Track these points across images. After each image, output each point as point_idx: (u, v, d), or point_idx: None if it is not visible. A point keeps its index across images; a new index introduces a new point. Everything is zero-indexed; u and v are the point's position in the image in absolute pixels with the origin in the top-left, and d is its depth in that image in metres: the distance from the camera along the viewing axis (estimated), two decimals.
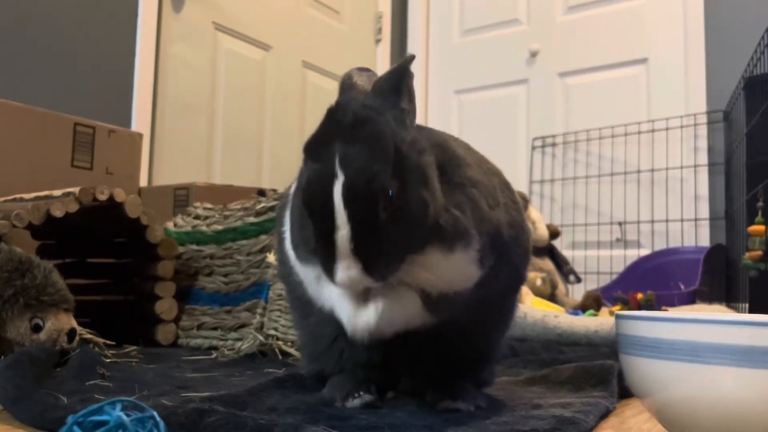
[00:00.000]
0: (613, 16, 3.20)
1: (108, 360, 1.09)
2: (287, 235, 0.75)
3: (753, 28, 2.48)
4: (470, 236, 0.66)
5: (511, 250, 0.74)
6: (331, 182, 0.58)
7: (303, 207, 0.61)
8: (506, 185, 0.79)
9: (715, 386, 0.54)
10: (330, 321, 0.72)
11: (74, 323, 1.06)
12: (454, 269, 0.66)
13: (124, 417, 0.44)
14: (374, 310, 0.63)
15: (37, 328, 1.00)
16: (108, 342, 1.22)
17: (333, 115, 0.62)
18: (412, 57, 0.65)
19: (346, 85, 0.68)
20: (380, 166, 0.58)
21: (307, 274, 0.69)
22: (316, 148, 0.61)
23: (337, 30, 3.38)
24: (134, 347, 1.31)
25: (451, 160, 0.69)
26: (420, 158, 0.62)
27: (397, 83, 0.64)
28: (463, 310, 0.70)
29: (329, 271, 0.60)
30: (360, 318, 0.63)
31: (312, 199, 0.60)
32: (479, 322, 0.76)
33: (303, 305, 0.78)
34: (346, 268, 0.58)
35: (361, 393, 0.74)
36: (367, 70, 0.70)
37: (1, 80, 2.01)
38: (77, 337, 1.06)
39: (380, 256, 0.59)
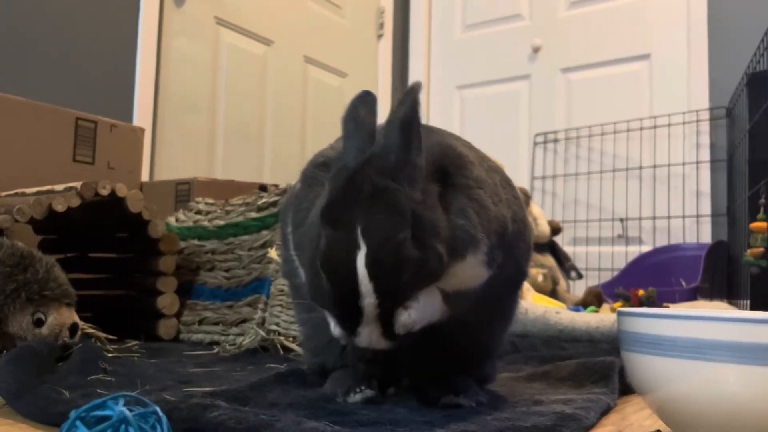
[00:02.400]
0: (615, 12, 3.20)
1: (110, 355, 1.09)
2: (291, 237, 0.75)
3: (756, 24, 2.47)
4: (477, 241, 0.66)
5: (514, 245, 0.74)
6: (353, 252, 0.59)
7: (321, 272, 0.61)
8: (507, 181, 0.79)
9: (716, 383, 0.54)
10: None
11: (76, 318, 1.06)
12: (465, 272, 0.67)
13: (127, 412, 0.44)
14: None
15: (39, 323, 1.00)
16: (109, 337, 1.23)
17: (350, 182, 0.61)
18: (419, 87, 0.64)
19: (351, 126, 0.66)
20: (403, 235, 0.59)
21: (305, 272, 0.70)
22: (335, 216, 0.61)
23: (339, 25, 3.38)
24: (136, 342, 1.31)
25: (455, 160, 0.69)
26: (431, 213, 0.63)
27: (409, 132, 0.62)
28: (467, 307, 0.70)
29: (348, 329, 0.62)
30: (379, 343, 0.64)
31: (333, 267, 0.60)
32: (481, 318, 0.76)
33: (306, 302, 0.78)
34: (369, 333, 0.61)
35: (363, 388, 0.74)
36: (368, 94, 0.69)
37: (2, 75, 2.01)
38: (79, 332, 1.06)
39: (398, 320, 0.61)
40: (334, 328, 0.64)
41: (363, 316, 0.60)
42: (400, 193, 0.60)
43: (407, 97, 0.63)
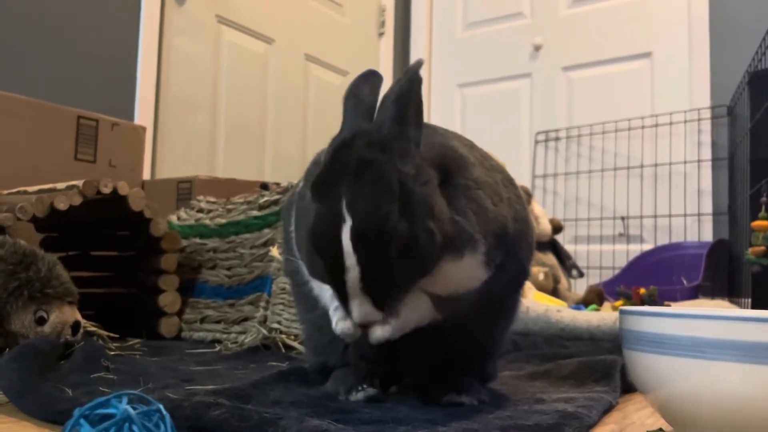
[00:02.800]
0: (617, 10, 3.19)
1: (112, 353, 1.09)
2: (295, 235, 0.75)
3: (758, 22, 2.47)
4: (475, 241, 0.66)
5: (516, 244, 0.75)
6: (339, 225, 0.59)
7: (311, 246, 0.62)
8: (509, 180, 0.79)
9: (718, 382, 0.54)
10: None
11: (78, 316, 1.06)
12: (463, 273, 0.67)
13: (131, 410, 0.44)
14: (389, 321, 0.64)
15: (41, 321, 1.01)
16: (111, 335, 1.23)
17: (338, 155, 0.61)
18: (420, 64, 0.64)
19: (351, 103, 0.67)
20: (387, 208, 0.59)
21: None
22: (322, 190, 0.61)
23: (340, 23, 3.37)
24: (138, 340, 1.32)
25: (455, 161, 0.69)
26: (424, 189, 0.62)
27: (404, 106, 0.62)
28: (469, 306, 0.70)
29: (343, 306, 0.62)
30: (375, 331, 0.64)
31: (320, 241, 0.61)
32: (483, 318, 0.76)
33: (308, 300, 0.79)
34: (359, 306, 0.61)
35: (365, 386, 0.74)
36: (373, 73, 0.69)
37: (4, 73, 2.01)
38: (81, 330, 1.06)
39: (390, 291, 0.61)
40: (335, 325, 0.65)
41: (349, 290, 0.60)
42: (388, 165, 0.60)
43: (406, 73, 0.63)
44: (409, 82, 0.62)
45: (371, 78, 0.68)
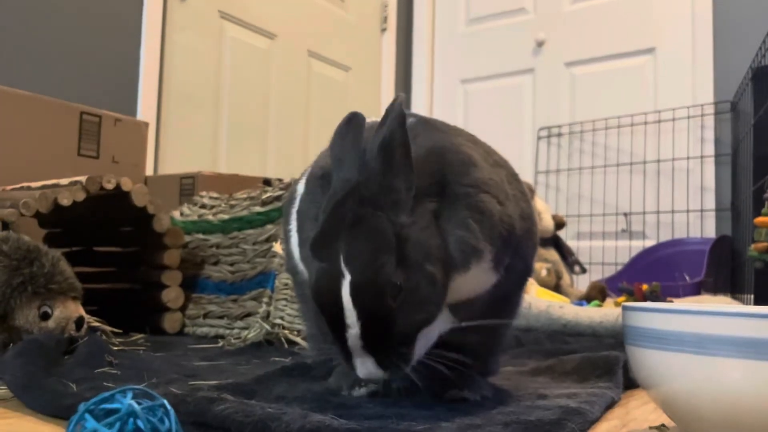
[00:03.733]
0: (620, 6, 3.18)
1: (116, 348, 1.10)
2: (293, 234, 0.76)
3: (761, 18, 2.46)
4: (480, 251, 0.66)
5: (523, 243, 0.75)
6: (338, 282, 0.59)
7: (314, 304, 0.63)
8: (514, 176, 0.78)
9: (720, 378, 0.54)
10: None
11: (82, 311, 1.07)
12: (471, 282, 0.68)
13: (135, 405, 0.44)
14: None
15: (45, 316, 1.01)
16: (115, 330, 1.23)
17: (334, 213, 0.62)
18: (401, 101, 0.64)
19: (337, 156, 0.66)
20: (383, 260, 0.59)
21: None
22: (321, 247, 0.62)
23: (343, 19, 3.37)
24: (141, 335, 1.32)
25: (456, 166, 0.68)
26: (420, 234, 0.63)
27: (390, 155, 0.62)
28: (480, 308, 0.71)
29: (347, 363, 0.62)
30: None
31: (322, 299, 0.62)
32: (489, 317, 0.76)
33: (309, 299, 0.79)
34: (362, 364, 0.61)
35: (366, 383, 0.74)
36: (354, 116, 0.67)
37: (7, 69, 2.01)
38: (85, 325, 1.07)
39: (391, 349, 0.61)
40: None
41: (351, 347, 0.60)
42: (380, 218, 0.61)
43: (388, 116, 0.63)
44: (391, 129, 0.62)
45: (353, 122, 0.67)
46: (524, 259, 0.77)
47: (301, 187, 0.77)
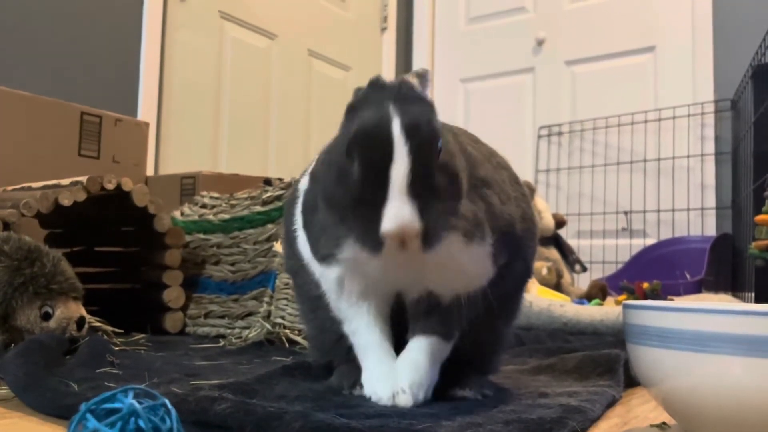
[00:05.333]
0: (620, 4, 3.18)
1: (117, 348, 1.10)
2: (299, 233, 0.75)
3: (761, 16, 2.46)
4: (485, 231, 0.66)
5: (524, 243, 0.75)
6: (389, 121, 0.58)
7: (350, 151, 0.60)
8: (515, 179, 0.79)
9: (721, 375, 0.55)
10: (336, 318, 0.74)
11: (83, 311, 1.07)
12: (471, 261, 0.66)
13: (137, 404, 0.45)
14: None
15: (46, 316, 1.01)
16: (116, 330, 1.24)
17: (377, 82, 0.63)
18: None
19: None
20: (433, 116, 0.61)
21: (327, 277, 0.70)
22: (365, 104, 0.62)
23: (343, 18, 3.37)
24: (142, 335, 1.32)
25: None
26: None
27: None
28: (482, 309, 0.71)
29: (376, 207, 0.57)
30: (399, 399, 0.67)
31: (365, 137, 0.59)
32: (489, 316, 0.76)
33: (310, 300, 0.79)
34: (399, 208, 0.56)
35: None
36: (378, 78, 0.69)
37: (7, 70, 2.01)
38: (86, 325, 1.07)
39: (435, 200, 0.58)
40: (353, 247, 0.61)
41: (392, 187, 0.56)
42: (425, 93, 0.64)
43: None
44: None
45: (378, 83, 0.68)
46: (525, 260, 0.77)
47: (303, 184, 0.77)
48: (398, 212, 0.56)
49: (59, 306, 1.03)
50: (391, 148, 0.57)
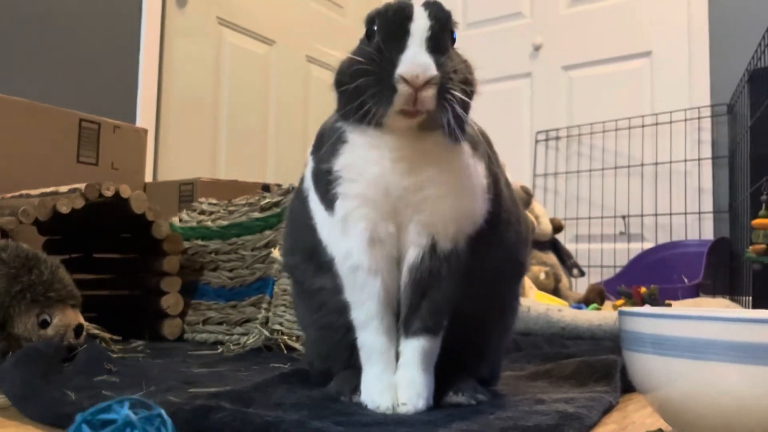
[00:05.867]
0: (616, 9, 3.19)
1: (115, 355, 1.10)
2: (318, 221, 0.75)
3: (757, 21, 2.47)
4: (480, 146, 0.73)
5: (504, 230, 0.77)
6: (410, 5, 0.65)
7: (369, 23, 0.67)
8: (507, 182, 0.81)
9: (717, 382, 0.55)
10: (343, 311, 0.74)
11: (81, 319, 1.07)
12: (471, 175, 0.71)
13: (132, 415, 0.45)
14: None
15: (44, 324, 1.01)
16: (114, 337, 1.24)
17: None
18: None
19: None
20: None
21: (331, 221, 0.72)
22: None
23: (341, 24, 3.38)
24: (140, 342, 1.32)
25: None
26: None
27: None
28: (464, 270, 0.72)
29: (390, 71, 0.62)
30: (401, 410, 0.69)
31: (385, 7, 0.66)
32: (478, 313, 0.77)
33: (312, 296, 0.79)
34: (417, 53, 0.63)
35: None
36: None
37: (7, 77, 2.02)
38: (84, 333, 1.07)
39: (449, 59, 0.64)
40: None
41: (412, 36, 0.63)
42: None
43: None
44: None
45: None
46: (508, 250, 0.79)
47: (308, 168, 0.78)
48: (416, 57, 0.63)
49: (57, 314, 1.03)
50: (411, 10, 0.64)
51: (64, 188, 1.33)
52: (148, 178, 2.29)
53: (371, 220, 0.69)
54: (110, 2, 2.31)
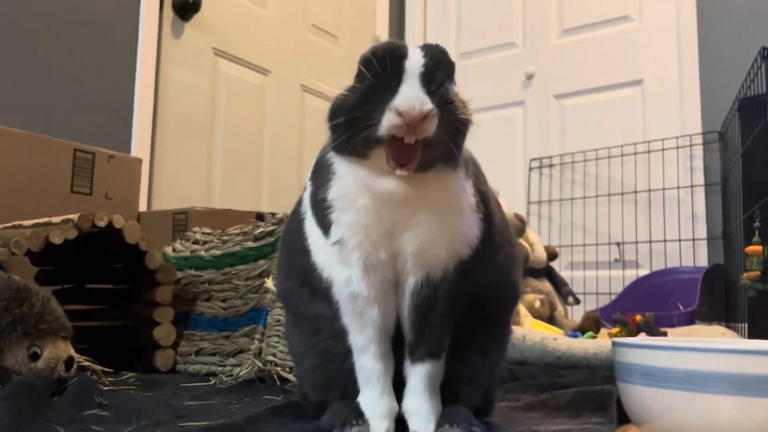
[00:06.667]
0: (607, 39, 3.24)
1: (106, 388, 1.09)
2: (312, 244, 0.76)
3: (746, 49, 2.51)
4: (469, 166, 0.73)
5: (495, 255, 0.77)
6: (404, 45, 0.67)
7: (362, 65, 0.68)
8: (497, 202, 0.82)
9: (712, 415, 0.55)
10: (341, 336, 0.74)
11: (72, 351, 1.06)
12: (464, 205, 0.71)
13: None
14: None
15: (34, 357, 1.00)
16: (106, 369, 1.22)
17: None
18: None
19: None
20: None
21: (327, 247, 0.72)
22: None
23: (336, 54, 3.41)
24: (132, 374, 1.31)
25: None
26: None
27: None
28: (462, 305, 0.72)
29: (390, 87, 0.64)
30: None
31: (377, 48, 0.67)
32: (473, 338, 0.77)
33: (308, 322, 0.78)
34: (410, 88, 0.64)
35: (360, 421, 0.74)
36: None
37: (1, 107, 2.02)
38: (75, 365, 1.05)
39: (444, 91, 0.65)
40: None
41: (407, 72, 0.64)
42: None
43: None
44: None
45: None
46: (500, 275, 0.79)
47: (306, 192, 0.79)
48: (411, 92, 0.63)
49: (48, 346, 1.02)
50: (405, 49, 0.65)
51: (57, 219, 1.33)
52: (143, 206, 2.29)
53: (364, 248, 0.70)
54: (106, 32, 2.33)
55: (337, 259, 0.72)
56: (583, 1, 3.33)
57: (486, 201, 0.76)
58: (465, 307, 0.74)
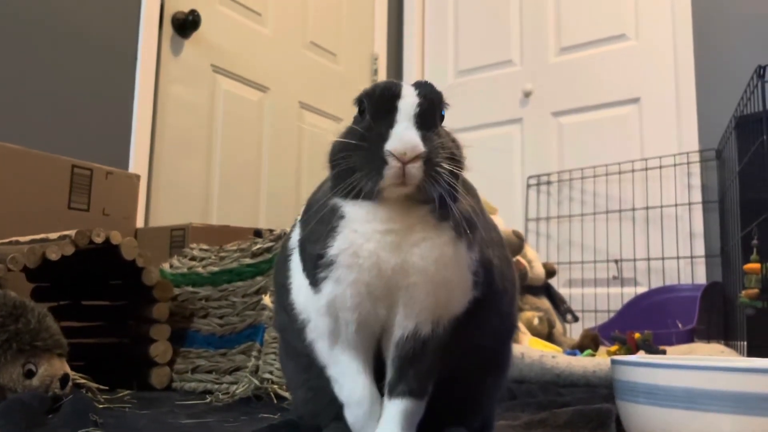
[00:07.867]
0: (605, 57, 3.26)
1: (101, 406, 1.08)
2: (294, 284, 0.74)
3: (742, 68, 2.53)
4: (474, 237, 0.70)
5: (499, 300, 0.75)
6: (397, 83, 0.67)
7: (359, 102, 0.68)
8: (494, 227, 0.80)
9: None
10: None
11: (67, 369, 1.05)
12: (458, 261, 0.68)
13: None
14: None
15: (29, 374, 0.99)
16: (101, 387, 1.21)
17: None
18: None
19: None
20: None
21: (318, 304, 0.69)
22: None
23: (334, 71, 3.43)
24: (128, 391, 1.30)
25: None
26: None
27: None
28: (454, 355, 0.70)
29: (383, 128, 0.63)
30: None
31: (374, 87, 0.67)
32: (472, 368, 0.75)
33: (300, 356, 0.77)
34: (405, 130, 0.64)
35: None
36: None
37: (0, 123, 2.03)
38: (70, 383, 1.05)
39: (436, 135, 0.65)
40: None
41: (400, 114, 0.64)
42: None
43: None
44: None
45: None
46: (502, 315, 0.77)
47: (294, 236, 0.77)
48: (403, 134, 0.63)
49: (43, 363, 1.01)
50: (399, 89, 0.66)
51: (54, 235, 1.33)
52: (140, 222, 2.28)
53: (364, 307, 0.68)
54: (105, 49, 2.34)
55: (325, 314, 0.69)
56: (580, 19, 3.35)
57: (489, 267, 0.73)
58: (463, 349, 0.72)
